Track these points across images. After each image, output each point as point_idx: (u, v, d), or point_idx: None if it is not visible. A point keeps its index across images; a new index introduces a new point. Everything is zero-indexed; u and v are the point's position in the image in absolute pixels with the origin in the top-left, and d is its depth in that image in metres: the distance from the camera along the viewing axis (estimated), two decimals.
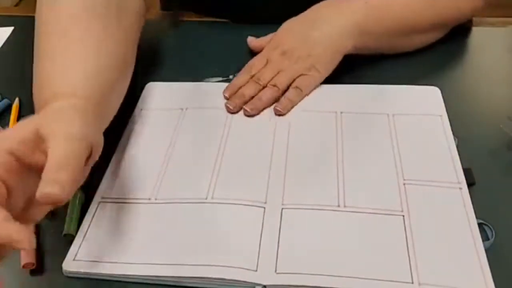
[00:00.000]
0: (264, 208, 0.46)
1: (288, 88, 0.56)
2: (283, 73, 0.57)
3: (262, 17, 0.67)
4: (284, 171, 0.49)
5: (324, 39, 0.57)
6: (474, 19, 0.70)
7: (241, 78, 0.58)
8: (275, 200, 0.46)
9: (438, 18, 0.62)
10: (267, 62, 0.58)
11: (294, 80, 0.57)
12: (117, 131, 0.55)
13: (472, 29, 0.68)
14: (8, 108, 0.61)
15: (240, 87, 0.57)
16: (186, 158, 0.51)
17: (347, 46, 0.57)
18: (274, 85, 0.56)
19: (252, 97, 0.56)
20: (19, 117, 0.60)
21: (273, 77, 0.57)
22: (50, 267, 0.44)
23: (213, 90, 0.59)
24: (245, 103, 0.56)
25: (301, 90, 0.56)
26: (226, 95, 0.57)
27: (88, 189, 0.50)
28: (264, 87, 0.57)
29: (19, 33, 0.74)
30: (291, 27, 0.60)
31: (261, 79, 0.57)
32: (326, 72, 0.57)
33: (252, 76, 0.58)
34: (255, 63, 0.59)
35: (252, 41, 0.64)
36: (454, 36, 0.66)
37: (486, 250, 0.41)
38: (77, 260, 0.43)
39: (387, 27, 0.59)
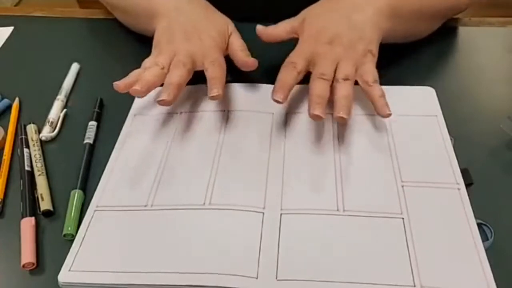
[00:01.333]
0: (263, 213, 0.45)
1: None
2: (345, 63, 0.52)
3: (263, 15, 0.67)
4: (282, 176, 0.49)
5: (369, 21, 0.55)
6: (474, 19, 0.70)
7: (288, 75, 0.51)
8: (274, 206, 0.46)
9: (447, 5, 0.63)
10: (311, 57, 0.53)
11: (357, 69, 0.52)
12: (111, 137, 0.55)
13: (471, 29, 0.68)
14: (8, 108, 0.61)
15: (291, 85, 0.51)
16: (182, 164, 0.51)
17: (385, 28, 0.56)
18: (346, 78, 0.51)
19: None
20: (19, 117, 0.60)
21: (335, 70, 0.52)
22: (50, 267, 0.44)
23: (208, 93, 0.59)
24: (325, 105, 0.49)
25: (377, 81, 0.52)
26: (281, 98, 0.49)
27: (86, 191, 0.50)
28: (332, 82, 0.51)
29: (19, 33, 0.74)
30: (323, 13, 0.57)
31: (325, 74, 0.51)
32: (377, 54, 0.55)
33: (299, 73, 0.52)
34: (296, 60, 0.52)
35: (265, 30, 0.58)
36: (453, 36, 0.66)
37: (486, 250, 0.41)
38: (72, 271, 0.42)
39: (414, 10, 0.59)
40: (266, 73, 0.59)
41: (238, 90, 0.58)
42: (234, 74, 0.60)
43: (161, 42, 0.57)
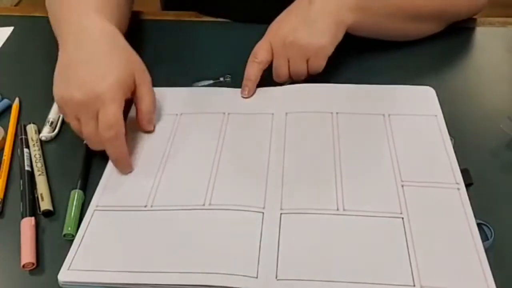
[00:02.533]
0: (263, 213, 0.45)
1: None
2: (295, 66, 0.57)
3: (263, 16, 0.67)
4: (281, 175, 0.49)
5: (323, 12, 0.56)
6: (474, 18, 0.69)
7: (252, 70, 0.58)
8: (274, 205, 0.46)
9: (435, 9, 0.62)
10: (271, 50, 0.57)
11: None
12: None
13: (471, 29, 0.68)
14: (8, 108, 0.61)
15: (256, 77, 0.58)
16: (182, 164, 0.51)
17: (347, 19, 0.57)
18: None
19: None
20: (19, 117, 0.60)
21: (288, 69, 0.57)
22: (50, 267, 0.44)
23: (207, 95, 0.59)
24: None
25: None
26: (247, 94, 0.57)
27: (86, 191, 0.50)
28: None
29: (19, 33, 0.74)
30: (289, 9, 0.59)
31: (280, 76, 0.58)
32: (332, 46, 0.56)
33: (260, 63, 0.57)
34: (258, 52, 0.58)
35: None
36: (454, 36, 0.66)
37: (486, 250, 0.41)
38: (71, 269, 0.42)
39: (384, 5, 0.59)
40: (265, 75, 0.59)
41: (237, 94, 0.58)
42: (234, 75, 0.60)
43: (57, 90, 0.50)
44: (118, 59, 0.51)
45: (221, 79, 0.61)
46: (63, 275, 0.42)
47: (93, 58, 0.50)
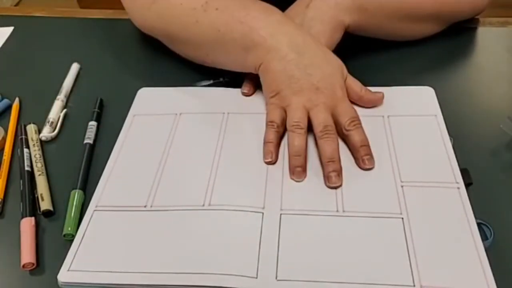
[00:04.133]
0: (263, 213, 0.45)
1: None
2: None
3: None
4: (281, 176, 0.49)
5: (320, 15, 0.57)
6: (474, 19, 0.69)
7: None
8: (274, 206, 0.46)
9: (434, 9, 0.62)
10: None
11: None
12: (111, 137, 0.55)
13: (472, 29, 0.68)
14: (8, 108, 0.61)
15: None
16: (181, 164, 0.51)
17: (344, 20, 0.57)
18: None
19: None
20: (19, 117, 0.60)
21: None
22: (50, 267, 0.44)
23: (207, 95, 0.59)
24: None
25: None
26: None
27: (86, 191, 0.50)
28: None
29: (19, 33, 0.74)
30: (286, 13, 0.59)
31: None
32: (330, 48, 0.56)
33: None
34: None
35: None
36: (454, 36, 0.66)
37: (485, 250, 0.41)
38: (71, 270, 0.42)
39: (383, 7, 0.59)
40: None
41: (236, 94, 0.58)
42: (231, 77, 0.60)
43: (285, 90, 0.52)
44: (334, 60, 0.54)
45: (221, 79, 0.61)
46: (63, 276, 0.42)
47: (318, 60, 0.53)
